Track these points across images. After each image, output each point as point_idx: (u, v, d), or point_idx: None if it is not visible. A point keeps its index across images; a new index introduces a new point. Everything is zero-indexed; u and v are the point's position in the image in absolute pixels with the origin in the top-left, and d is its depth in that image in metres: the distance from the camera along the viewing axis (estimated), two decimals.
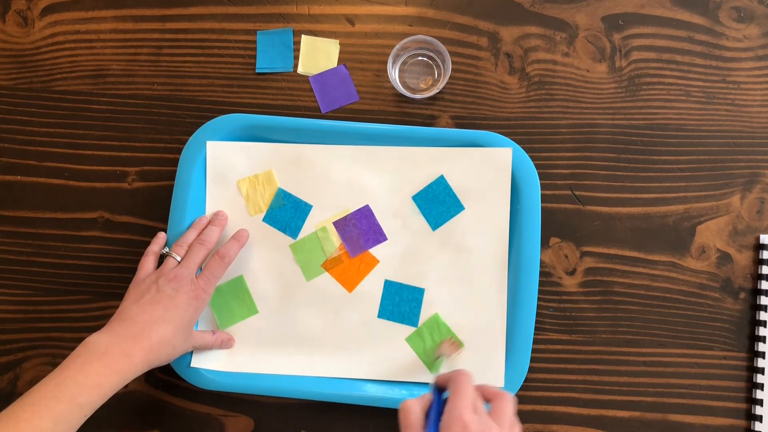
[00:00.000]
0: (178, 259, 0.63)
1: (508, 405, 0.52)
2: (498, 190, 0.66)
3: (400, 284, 0.67)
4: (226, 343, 0.67)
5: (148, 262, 0.64)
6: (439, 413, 0.51)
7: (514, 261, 0.66)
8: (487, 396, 0.53)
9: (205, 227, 0.66)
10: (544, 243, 0.68)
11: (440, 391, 0.53)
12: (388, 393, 0.66)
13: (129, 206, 0.71)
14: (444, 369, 0.62)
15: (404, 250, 0.67)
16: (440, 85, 0.67)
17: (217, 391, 0.67)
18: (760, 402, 0.66)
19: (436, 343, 0.66)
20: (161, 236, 0.67)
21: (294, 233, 0.68)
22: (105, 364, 0.55)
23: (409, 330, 0.67)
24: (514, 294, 0.65)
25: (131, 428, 0.69)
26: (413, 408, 0.51)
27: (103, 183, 0.71)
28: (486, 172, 0.66)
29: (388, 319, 0.67)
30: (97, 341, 0.57)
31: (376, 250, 0.67)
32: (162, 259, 0.65)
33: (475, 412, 0.50)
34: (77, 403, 0.53)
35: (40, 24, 0.73)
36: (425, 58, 0.70)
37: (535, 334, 0.66)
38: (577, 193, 0.69)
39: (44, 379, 0.54)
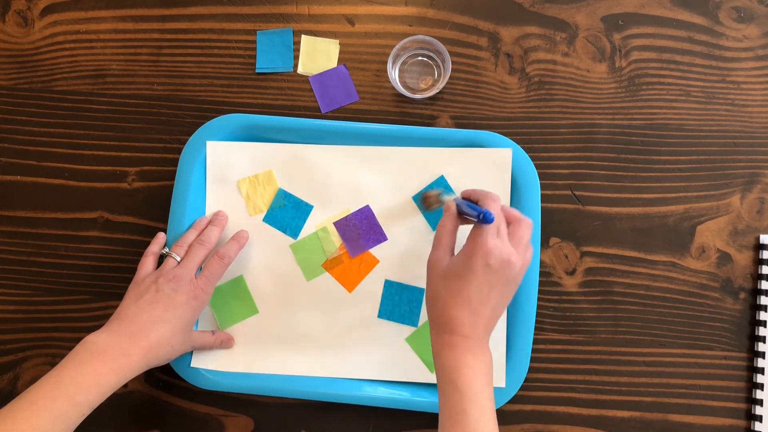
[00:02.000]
0: (178, 259, 0.63)
1: (526, 230, 0.57)
2: (498, 190, 0.66)
3: (401, 284, 0.67)
4: (225, 343, 0.67)
5: (147, 262, 0.64)
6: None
7: None
8: (508, 218, 0.57)
9: (205, 228, 0.66)
10: (544, 243, 0.68)
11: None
12: (388, 393, 0.66)
13: (129, 206, 0.71)
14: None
15: (404, 250, 0.67)
16: (440, 85, 0.67)
17: (217, 391, 0.67)
18: (760, 402, 0.66)
19: None
20: (161, 236, 0.67)
21: (294, 233, 0.68)
22: (103, 364, 0.55)
23: (409, 330, 0.67)
24: (514, 294, 0.65)
25: (131, 428, 0.69)
26: (447, 229, 0.58)
27: (103, 183, 0.71)
28: (486, 172, 0.66)
29: (389, 319, 0.67)
30: (95, 341, 0.57)
31: (376, 250, 0.67)
32: (162, 259, 0.65)
33: (497, 236, 0.55)
34: (75, 402, 0.53)
35: (40, 24, 0.73)
36: (425, 58, 0.70)
37: (535, 334, 0.66)
38: (577, 193, 0.69)
39: (43, 378, 0.54)
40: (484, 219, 0.53)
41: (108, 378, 0.55)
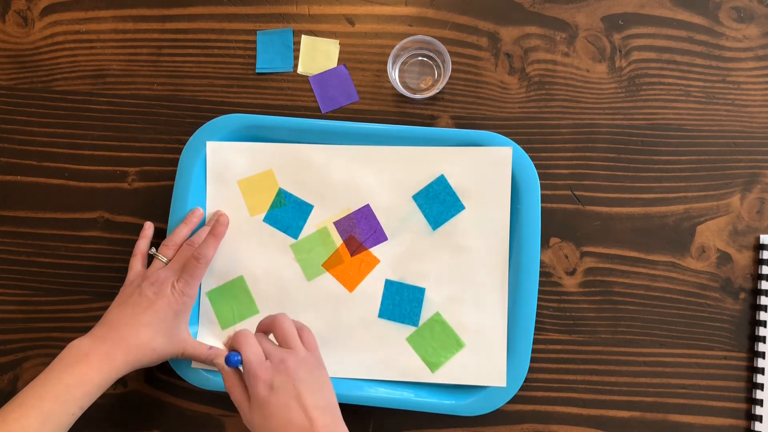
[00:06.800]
0: (164, 260, 0.64)
1: (285, 325, 0.57)
2: (498, 189, 0.66)
3: (401, 284, 0.67)
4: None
5: (135, 263, 0.65)
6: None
7: (514, 261, 0.66)
8: (266, 329, 0.58)
9: (197, 225, 0.66)
10: (544, 243, 0.68)
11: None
12: (388, 393, 0.66)
13: (129, 206, 0.71)
14: None
15: (405, 250, 0.67)
16: (440, 85, 0.67)
17: (217, 391, 0.67)
18: (760, 402, 0.66)
19: (438, 343, 0.66)
20: (148, 229, 0.67)
21: (295, 233, 0.68)
22: (88, 365, 0.56)
23: (409, 330, 0.67)
24: (514, 294, 0.65)
25: (131, 428, 0.69)
26: (232, 386, 0.56)
27: (103, 183, 0.71)
28: (486, 171, 0.66)
29: (389, 318, 0.67)
30: (79, 345, 0.58)
31: (376, 250, 0.67)
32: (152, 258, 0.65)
33: (268, 356, 0.55)
34: (63, 400, 0.54)
35: (40, 24, 0.73)
36: (425, 58, 0.70)
37: (535, 334, 0.66)
38: (577, 193, 0.69)
39: (31, 382, 0.55)
40: (227, 362, 0.55)
41: (92, 377, 0.56)
